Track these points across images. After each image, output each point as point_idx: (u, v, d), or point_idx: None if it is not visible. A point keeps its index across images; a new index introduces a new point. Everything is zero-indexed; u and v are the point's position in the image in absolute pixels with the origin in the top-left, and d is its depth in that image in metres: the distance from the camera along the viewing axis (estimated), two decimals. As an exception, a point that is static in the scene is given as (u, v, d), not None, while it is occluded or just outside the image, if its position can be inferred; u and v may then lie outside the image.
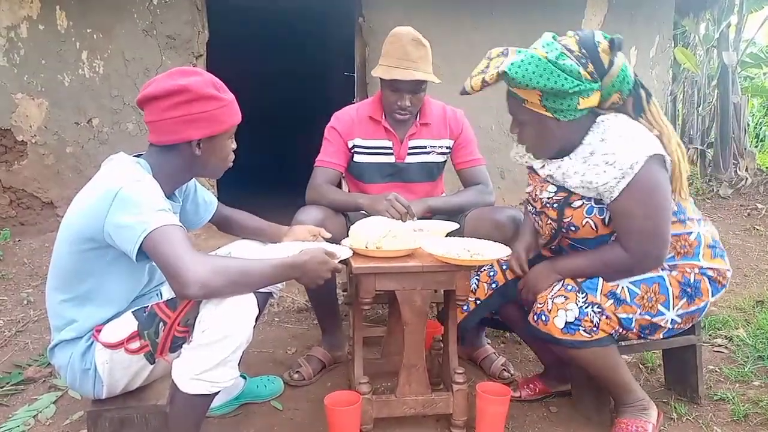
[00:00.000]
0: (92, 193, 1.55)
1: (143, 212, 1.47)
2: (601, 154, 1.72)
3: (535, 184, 1.95)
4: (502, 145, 4.46)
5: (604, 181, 1.70)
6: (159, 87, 1.59)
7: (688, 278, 1.81)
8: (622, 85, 1.73)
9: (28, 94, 3.74)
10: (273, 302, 3.04)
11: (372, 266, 1.80)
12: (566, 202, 1.81)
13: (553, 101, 1.70)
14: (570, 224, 1.82)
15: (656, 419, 1.89)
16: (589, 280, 1.82)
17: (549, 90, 1.66)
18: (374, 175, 2.48)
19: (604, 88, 1.72)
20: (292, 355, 2.59)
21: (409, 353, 1.91)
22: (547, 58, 1.64)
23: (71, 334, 1.63)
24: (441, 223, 2.21)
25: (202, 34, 3.93)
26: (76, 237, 1.55)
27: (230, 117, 1.67)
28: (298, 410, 2.13)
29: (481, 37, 4.28)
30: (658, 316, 1.80)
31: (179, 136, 1.61)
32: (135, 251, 1.46)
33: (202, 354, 1.50)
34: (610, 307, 1.79)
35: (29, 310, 2.95)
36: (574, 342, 1.78)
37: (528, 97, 1.72)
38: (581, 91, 1.67)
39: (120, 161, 1.62)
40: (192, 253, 1.47)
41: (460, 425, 1.94)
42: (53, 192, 3.83)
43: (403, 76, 2.25)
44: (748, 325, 2.81)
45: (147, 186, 1.54)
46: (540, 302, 1.83)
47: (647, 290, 1.79)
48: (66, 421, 2.01)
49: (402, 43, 2.28)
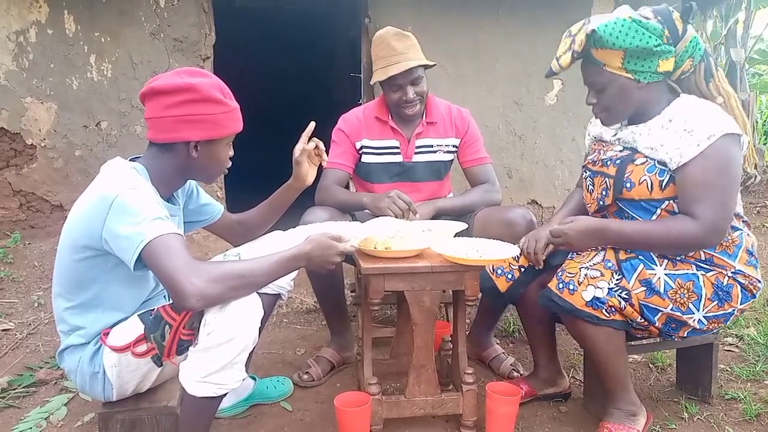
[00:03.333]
0: (89, 201, 1.54)
1: (140, 222, 1.45)
2: (681, 121, 1.75)
3: (599, 148, 1.99)
4: (509, 144, 4.45)
5: (677, 146, 1.73)
6: (166, 82, 1.57)
7: (722, 281, 1.79)
8: (694, 51, 1.79)
9: (37, 98, 3.76)
10: (282, 303, 3.04)
11: (381, 267, 1.80)
12: (630, 158, 1.84)
13: (635, 63, 1.77)
14: (627, 180, 1.81)
15: (643, 426, 1.88)
16: (629, 261, 1.78)
17: (634, 49, 1.73)
18: (381, 175, 2.49)
19: (678, 54, 1.78)
20: (301, 356, 2.59)
21: (419, 354, 1.91)
22: (632, 18, 1.73)
23: (79, 339, 1.63)
24: (449, 223, 2.21)
25: (209, 37, 3.94)
26: (76, 245, 1.55)
27: (232, 124, 1.65)
28: (308, 411, 2.14)
29: (486, 36, 4.28)
30: (687, 314, 1.78)
31: (178, 135, 1.58)
32: (133, 262, 1.45)
33: (207, 357, 1.50)
34: (640, 294, 1.76)
35: (40, 313, 2.97)
36: (593, 316, 1.77)
37: (610, 59, 1.78)
38: (662, 52, 1.75)
39: (117, 167, 1.60)
40: (189, 263, 1.44)
41: (469, 425, 1.94)
42: (62, 195, 3.86)
43: (398, 69, 2.28)
44: (759, 324, 2.79)
45: (143, 193, 1.51)
46: (571, 271, 1.81)
47: (681, 286, 1.77)
48: (77, 423, 2.02)
49: (386, 41, 2.33)
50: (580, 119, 4.55)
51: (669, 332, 1.85)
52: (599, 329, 1.79)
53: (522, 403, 2.15)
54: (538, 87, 4.46)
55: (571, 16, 4.43)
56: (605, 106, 1.87)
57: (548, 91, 4.50)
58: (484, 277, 2.05)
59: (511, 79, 4.37)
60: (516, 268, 2.07)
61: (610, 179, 1.86)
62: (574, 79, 4.53)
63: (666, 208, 1.79)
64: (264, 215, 2.06)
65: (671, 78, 1.85)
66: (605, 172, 1.89)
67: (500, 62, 4.33)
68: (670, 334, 1.86)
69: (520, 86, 4.41)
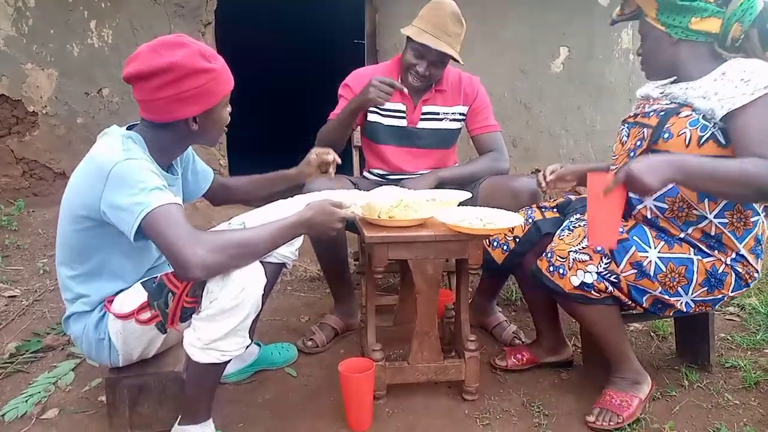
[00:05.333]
0: (86, 171, 1.52)
1: (138, 192, 1.43)
2: (737, 71, 1.67)
3: (644, 103, 1.93)
4: (514, 113, 4.41)
5: (731, 94, 1.65)
6: (145, 65, 1.50)
7: (717, 269, 1.77)
8: (743, 16, 1.70)
9: (38, 64, 3.73)
10: (286, 272, 3.06)
11: (384, 236, 1.80)
12: (675, 111, 1.77)
13: (667, 15, 1.77)
14: (667, 130, 1.73)
15: (646, 394, 1.90)
16: (621, 244, 1.75)
17: (663, 1, 1.74)
18: (387, 137, 2.50)
19: (727, 15, 1.71)
20: (305, 323, 2.62)
21: (422, 321, 1.93)
22: None
23: (83, 307, 1.64)
24: (453, 192, 2.20)
25: (211, 2, 3.88)
26: (75, 215, 1.54)
27: (223, 86, 1.60)
28: (312, 377, 2.16)
29: (493, 1, 4.20)
30: (675, 297, 1.78)
31: (173, 115, 1.55)
32: (133, 233, 1.44)
33: (211, 324, 1.51)
34: (629, 276, 1.76)
35: (45, 280, 2.99)
36: (582, 297, 1.78)
37: (647, 8, 1.81)
38: (693, 8, 1.72)
39: (113, 136, 1.57)
40: (190, 233, 1.44)
41: (471, 391, 1.97)
42: (65, 162, 3.85)
43: (434, 45, 2.25)
44: (760, 293, 2.80)
45: (140, 163, 1.49)
46: (561, 255, 1.81)
47: (673, 269, 1.75)
48: (85, 388, 2.05)
49: (443, 13, 2.28)
50: (586, 87, 4.50)
51: (655, 312, 1.86)
52: (591, 307, 1.81)
53: (523, 370, 2.18)
54: (544, 54, 4.40)
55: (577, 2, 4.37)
56: (644, 58, 1.90)
57: (555, 58, 4.44)
58: None
59: (517, 45, 4.31)
60: (511, 239, 2.07)
61: (649, 129, 1.79)
62: (580, 47, 4.46)
63: None
64: (252, 188, 2.08)
65: (724, 45, 1.77)
66: (645, 123, 1.83)
67: (506, 28, 4.26)
68: (656, 313, 1.88)
69: (526, 53, 4.35)
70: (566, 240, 1.85)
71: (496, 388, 2.07)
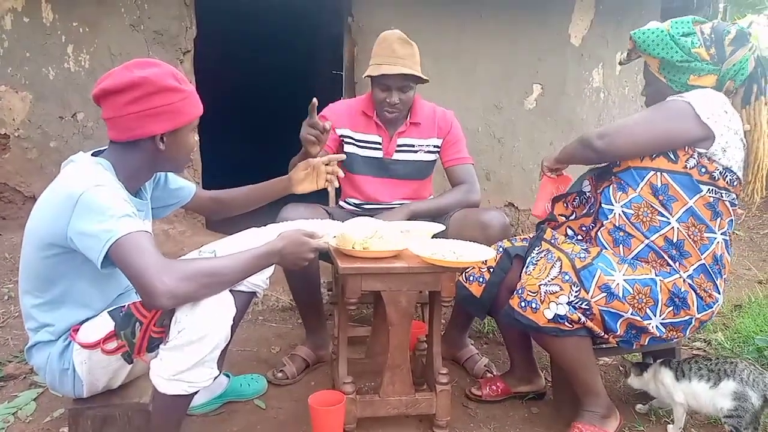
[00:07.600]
0: (53, 199, 1.50)
1: (107, 219, 1.42)
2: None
3: None
4: (488, 147, 4.47)
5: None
6: (117, 80, 1.52)
7: (679, 288, 1.84)
8: (736, 75, 1.87)
9: (12, 87, 3.68)
10: (257, 301, 3.03)
11: (358, 266, 1.80)
12: None
13: (668, 71, 1.93)
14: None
15: (615, 428, 1.92)
16: (587, 269, 1.82)
17: (661, 59, 1.91)
18: (364, 167, 2.53)
19: (721, 73, 1.88)
20: (275, 354, 2.59)
21: (394, 353, 1.92)
22: (669, 32, 1.89)
23: (48, 336, 1.61)
24: (427, 224, 2.22)
25: (190, 30, 3.89)
26: (41, 243, 1.52)
27: (192, 109, 1.61)
28: (282, 409, 2.13)
29: (468, 38, 4.29)
30: (646, 320, 1.83)
31: (141, 131, 1.55)
32: (100, 261, 1.42)
33: (178, 355, 1.49)
34: (600, 300, 1.80)
35: (9, 306, 2.92)
36: (557, 330, 1.80)
37: (650, 62, 1.98)
38: (691, 68, 1.88)
39: (81, 162, 1.57)
40: (158, 261, 1.42)
41: (442, 425, 1.95)
42: (36, 186, 3.78)
43: (391, 71, 2.31)
44: (726, 329, 2.86)
45: (109, 190, 1.48)
46: (531, 289, 1.83)
47: (639, 291, 1.81)
48: (47, 419, 1.99)
49: (389, 42, 2.36)
50: (558, 124, 4.60)
51: (630, 340, 1.89)
52: (564, 340, 1.84)
53: (495, 402, 2.18)
54: (518, 91, 4.49)
55: (552, 20, 4.50)
56: (648, 99, 2.05)
57: (527, 95, 4.54)
58: (459, 286, 2.08)
59: (491, 82, 4.40)
60: (485, 269, 2.10)
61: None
62: (552, 85, 4.58)
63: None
64: (243, 199, 2.06)
65: None
66: None
67: (481, 65, 4.35)
68: (630, 342, 1.90)
69: (500, 89, 4.44)
70: (534, 274, 1.88)
71: (467, 422, 2.07)
